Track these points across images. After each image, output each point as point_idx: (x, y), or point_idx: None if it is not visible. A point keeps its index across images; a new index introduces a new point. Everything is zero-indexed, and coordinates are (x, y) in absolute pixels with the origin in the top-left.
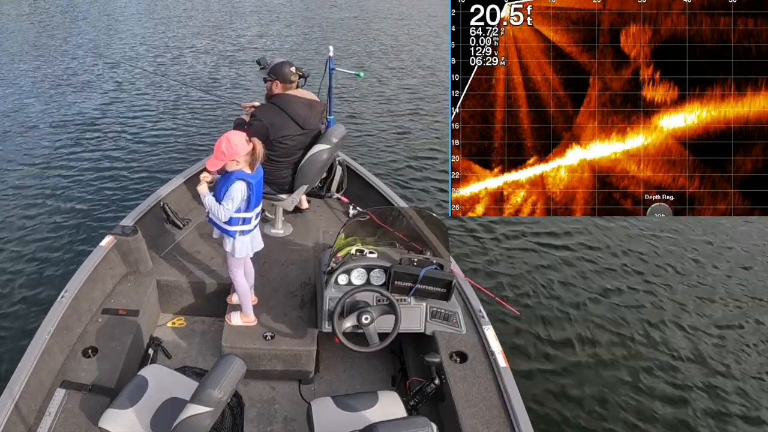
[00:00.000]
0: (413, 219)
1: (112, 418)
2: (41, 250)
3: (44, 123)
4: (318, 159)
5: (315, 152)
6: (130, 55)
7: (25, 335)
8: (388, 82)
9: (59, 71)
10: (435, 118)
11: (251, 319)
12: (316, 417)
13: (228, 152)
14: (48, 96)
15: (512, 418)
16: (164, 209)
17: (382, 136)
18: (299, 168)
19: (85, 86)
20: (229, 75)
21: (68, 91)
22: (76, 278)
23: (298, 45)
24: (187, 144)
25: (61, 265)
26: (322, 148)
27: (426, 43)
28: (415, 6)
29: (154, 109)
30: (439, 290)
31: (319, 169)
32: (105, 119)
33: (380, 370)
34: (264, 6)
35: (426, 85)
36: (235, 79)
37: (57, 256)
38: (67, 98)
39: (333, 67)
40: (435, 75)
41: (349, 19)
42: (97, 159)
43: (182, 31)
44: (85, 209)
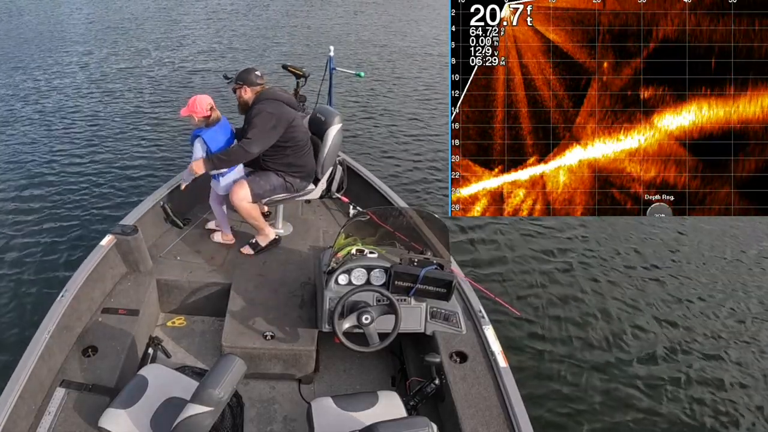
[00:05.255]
0: (413, 219)
1: (111, 418)
2: (41, 249)
3: (44, 123)
4: (338, 139)
5: (335, 133)
6: (131, 54)
7: (25, 335)
8: (388, 82)
9: (59, 70)
10: (435, 118)
11: (230, 237)
12: (316, 417)
13: (190, 106)
14: (47, 96)
15: (512, 418)
16: (164, 209)
17: (383, 136)
18: (327, 153)
19: (84, 86)
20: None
21: (68, 91)
22: (76, 278)
23: (299, 45)
24: (187, 144)
25: (61, 264)
26: (337, 128)
27: (426, 43)
28: (415, 6)
29: (154, 109)
30: (440, 290)
31: (338, 149)
32: (105, 119)
33: (380, 370)
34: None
35: (426, 85)
36: None
37: (57, 256)
38: (67, 98)
39: (333, 67)
40: (435, 75)
41: (349, 20)
42: (97, 159)
43: (182, 31)
44: (86, 209)
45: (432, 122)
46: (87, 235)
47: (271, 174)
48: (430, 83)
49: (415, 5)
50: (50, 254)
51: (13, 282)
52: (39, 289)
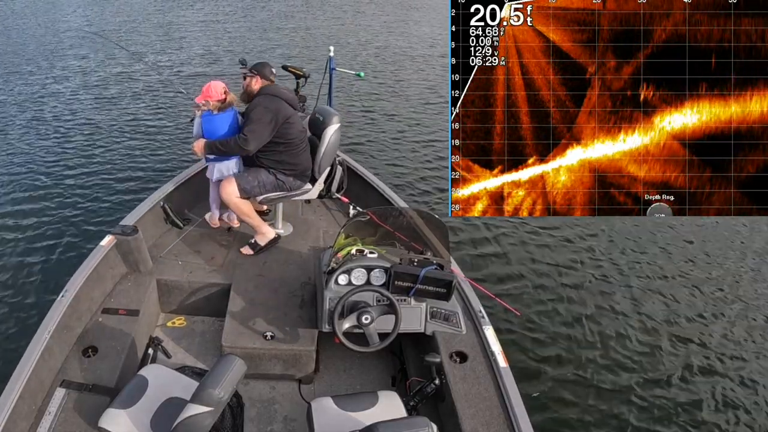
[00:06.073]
0: (413, 219)
1: (112, 418)
2: (41, 249)
3: (44, 124)
4: (335, 140)
5: (332, 133)
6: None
7: (25, 335)
8: (388, 83)
9: (58, 72)
10: (435, 118)
11: (215, 221)
12: (316, 417)
13: (204, 93)
14: (47, 97)
15: (512, 418)
16: (164, 209)
17: (383, 136)
18: (324, 152)
19: (84, 87)
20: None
21: (67, 92)
22: (76, 278)
23: (298, 46)
24: (187, 144)
25: (61, 264)
26: (335, 127)
27: (426, 43)
28: (415, 6)
29: (154, 109)
30: (440, 290)
31: (335, 149)
32: (105, 119)
33: (380, 370)
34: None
35: (426, 85)
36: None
37: (57, 256)
38: (66, 99)
39: (333, 67)
40: (435, 75)
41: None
42: (97, 159)
43: (182, 31)
44: (86, 209)
45: (432, 122)
46: (87, 236)
47: (262, 170)
48: (430, 83)
49: (415, 5)
50: (50, 254)
51: (13, 282)
52: (39, 290)
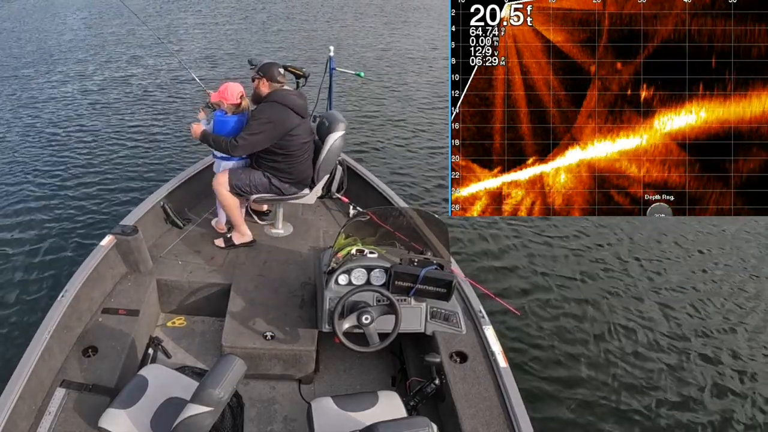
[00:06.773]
0: (413, 219)
1: (112, 418)
2: (41, 249)
3: (44, 125)
4: (337, 146)
5: (335, 139)
6: (131, 52)
7: (25, 335)
8: (388, 82)
9: (59, 69)
10: (435, 118)
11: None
12: (316, 417)
13: (221, 92)
14: (46, 98)
15: (512, 418)
16: (164, 209)
17: (383, 136)
18: (324, 159)
19: (84, 88)
20: (230, 75)
21: (67, 93)
22: (76, 278)
23: (298, 47)
24: (187, 144)
25: (61, 264)
26: (338, 135)
27: (426, 43)
28: (415, 6)
29: (154, 109)
30: (440, 290)
31: (337, 156)
32: (105, 119)
33: (380, 370)
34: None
35: (426, 85)
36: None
37: (57, 256)
38: (66, 100)
39: (333, 66)
40: (435, 75)
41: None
42: (97, 159)
43: (181, 34)
44: (85, 209)
45: (432, 122)
46: (87, 236)
47: (257, 172)
48: (430, 83)
49: (415, 5)
50: (50, 254)
51: (13, 282)
52: (39, 290)
